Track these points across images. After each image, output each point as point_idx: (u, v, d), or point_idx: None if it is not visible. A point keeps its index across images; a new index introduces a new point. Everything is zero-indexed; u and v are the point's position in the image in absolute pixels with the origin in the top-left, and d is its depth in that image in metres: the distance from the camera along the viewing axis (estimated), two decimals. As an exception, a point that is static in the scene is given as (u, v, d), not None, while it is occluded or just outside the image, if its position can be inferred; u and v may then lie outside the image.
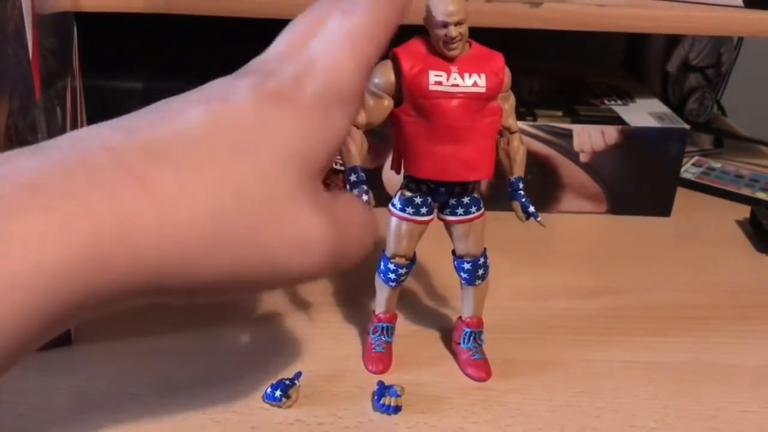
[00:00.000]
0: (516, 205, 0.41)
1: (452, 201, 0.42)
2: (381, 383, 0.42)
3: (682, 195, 0.68)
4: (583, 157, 0.63)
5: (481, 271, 0.43)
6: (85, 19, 0.57)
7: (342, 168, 0.44)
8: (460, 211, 0.42)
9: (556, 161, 0.63)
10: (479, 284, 0.44)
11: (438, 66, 0.38)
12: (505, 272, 0.56)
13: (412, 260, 0.43)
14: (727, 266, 0.59)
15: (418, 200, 0.41)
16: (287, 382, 0.41)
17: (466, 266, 0.43)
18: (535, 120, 0.63)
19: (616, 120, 0.64)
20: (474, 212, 0.42)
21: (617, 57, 0.85)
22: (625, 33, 0.78)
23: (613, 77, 0.76)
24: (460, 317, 0.46)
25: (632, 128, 0.62)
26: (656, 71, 0.79)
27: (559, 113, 0.65)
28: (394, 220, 0.42)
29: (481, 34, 0.41)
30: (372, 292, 0.45)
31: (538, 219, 0.41)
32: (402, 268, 0.43)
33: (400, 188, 0.42)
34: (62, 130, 0.49)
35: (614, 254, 0.60)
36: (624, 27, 0.60)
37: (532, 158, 0.63)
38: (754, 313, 0.52)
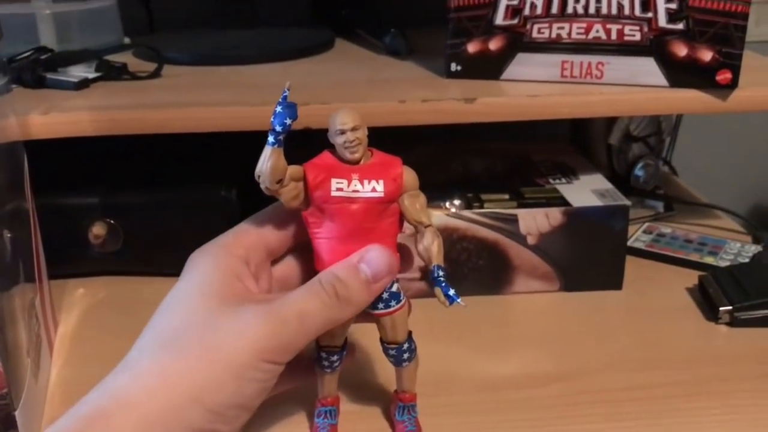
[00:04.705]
0: (437, 290, 0.43)
1: None
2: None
3: (634, 265, 0.70)
4: (531, 240, 0.65)
5: (406, 355, 0.46)
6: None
7: None
8: (380, 305, 0.44)
9: (505, 245, 0.65)
10: (406, 365, 0.46)
11: (340, 174, 0.42)
12: (463, 362, 0.57)
13: (342, 347, 0.46)
14: (677, 338, 0.60)
15: None
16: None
17: (392, 351, 0.46)
18: (481, 206, 0.65)
19: (559, 201, 0.66)
20: (394, 305, 0.44)
21: (564, 131, 0.88)
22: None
23: (559, 153, 0.78)
24: (395, 391, 0.48)
25: (575, 209, 0.64)
26: (600, 144, 0.82)
27: (506, 196, 0.67)
28: None
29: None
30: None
31: (458, 300, 0.42)
32: (333, 356, 0.45)
33: None
34: (13, 255, 0.50)
35: (568, 334, 0.61)
36: (557, 114, 0.62)
37: (482, 244, 0.65)
38: (706, 388, 0.53)
